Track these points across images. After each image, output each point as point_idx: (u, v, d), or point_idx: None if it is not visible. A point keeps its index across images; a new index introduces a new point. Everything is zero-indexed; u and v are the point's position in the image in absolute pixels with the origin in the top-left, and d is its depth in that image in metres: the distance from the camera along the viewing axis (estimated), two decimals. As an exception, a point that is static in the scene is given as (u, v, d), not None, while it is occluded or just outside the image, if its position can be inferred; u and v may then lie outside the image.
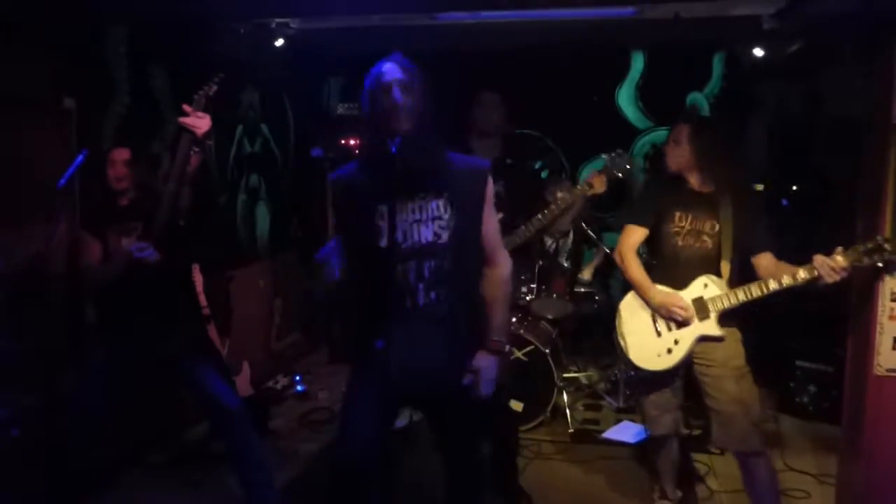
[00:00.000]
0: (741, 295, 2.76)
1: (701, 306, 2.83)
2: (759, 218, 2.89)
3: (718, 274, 2.85)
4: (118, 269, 2.78)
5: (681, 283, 2.89)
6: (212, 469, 3.55)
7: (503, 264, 2.35)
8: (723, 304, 2.80)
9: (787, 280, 2.68)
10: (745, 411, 2.80)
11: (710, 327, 2.82)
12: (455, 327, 2.23)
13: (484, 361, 2.25)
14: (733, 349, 2.86)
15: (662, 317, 2.91)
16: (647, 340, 2.94)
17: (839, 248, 2.60)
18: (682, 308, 2.82)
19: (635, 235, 3.00)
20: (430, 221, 2.18)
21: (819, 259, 2.60)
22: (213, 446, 3.68)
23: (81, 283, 3.01)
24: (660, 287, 2.92)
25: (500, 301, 2.33)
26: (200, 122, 2.70)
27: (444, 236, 2.18)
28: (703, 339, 2.84)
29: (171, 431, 3.92)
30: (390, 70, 2.19)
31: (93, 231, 2.92)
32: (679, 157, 2.90)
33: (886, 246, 2.55)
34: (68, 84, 3.45)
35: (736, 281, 2.84)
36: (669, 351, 2.88)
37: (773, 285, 2.71)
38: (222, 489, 3.37)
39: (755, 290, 2.74)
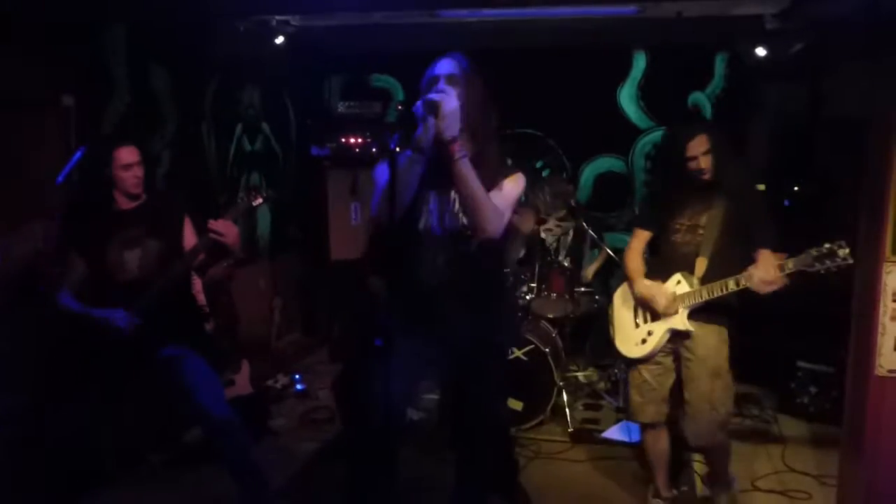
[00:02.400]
0: (705, 293, 2.88)
1: (671, 301, 2.94)
2: (764, 213, 2.96)
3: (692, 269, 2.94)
4: (92, 324, 2.78)
5: (667, 277, 3.00)
6: (212, 468, 3.53)
7: None
8: (691, 300, 2.90)
9: (731, 284, 2.79)
10: (711, 409, 2.90)
11: (679, 322, 2.93)
12: (479, 305, 2.45)
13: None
14: (714, 348, 2.93)
15: (642, 307, 3.04)
16: (628, 329, 3.12)
17: (784, 257, 2.70)
18: (661, 298, 2.93)
19: (641, 238, 3.15)
20: (461, 212, 2.38)
21: (752, 274, 2.72)
22: (212, 447, 3.67)
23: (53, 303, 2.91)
24: (647, 281, 3.03)
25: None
26: (229, 231, 2.76)
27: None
28: (674, 332, 2.96)
29: (170, 431, 3.91)
30: (442, 63, 2.38)
31: (88, 244, 2.85)
32: (710, 163, 2.92)
33: (839, 252, 2.60)
34: (67, 82, 3.44)
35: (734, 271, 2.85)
36: (644, 341, 3.02)
37: (731, 285, 2.81)
38: (221, 490, 3.34)
39: (717, 290, 2.85)
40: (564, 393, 4.27)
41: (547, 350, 4.06)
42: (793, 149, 5.24)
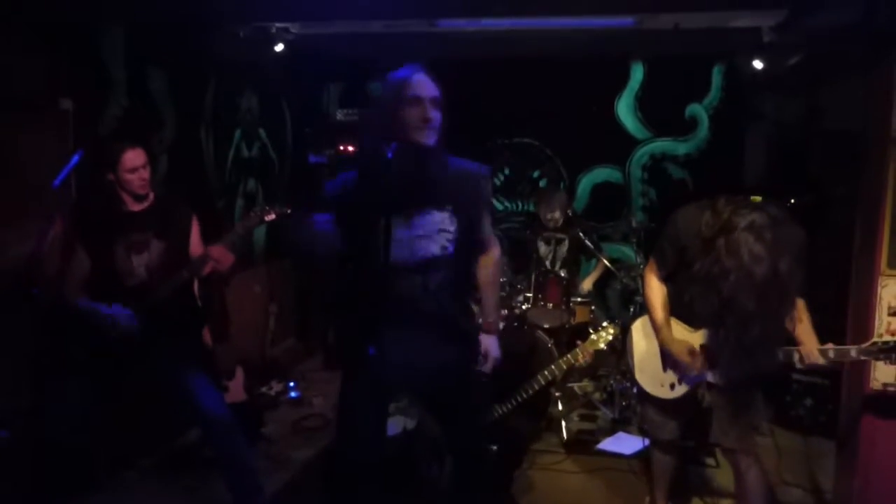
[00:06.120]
0: None
1: (711, 355, 2.72)
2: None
3: None
4: (97, 322, 2.80)
5: (696, 322, 2.76)
6: (204, 473, 3.52)
7: (494, 249, 2.52)
8: None
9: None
10: (746, 412, 2.73)
11: (714, 376, 2.74)
12: (453, 327, 2.34)
13: (488, 342, 2.49)
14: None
15: (667, 362, 2.86)
16: (652, 369, 2.92)
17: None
18: (688, 364, 2.72)
19: (658, 272, 2.85)
20: (435, 234, 2.20)
21: (801, 355, 2.60)
22: (206, 451, 3.65)
23: (59, 297, 2.91)
24: (675, 334, 2.78)
25: (493, 284, 2.54)
26: (224, 259, 2.86)
27: (451, 248, 2.22)
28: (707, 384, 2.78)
29: (163, 435, 3.89)
30: (422, 83, 2.14)
31: (95, 244, 2.86)
32: None
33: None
34: (65, 85, 3.43)
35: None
36: (672, 386, 2.85)
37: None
38: (214, 494, 3.34)
39: None
40: (559, 403, 4.26)
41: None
42: (789, 160, 5.26)
